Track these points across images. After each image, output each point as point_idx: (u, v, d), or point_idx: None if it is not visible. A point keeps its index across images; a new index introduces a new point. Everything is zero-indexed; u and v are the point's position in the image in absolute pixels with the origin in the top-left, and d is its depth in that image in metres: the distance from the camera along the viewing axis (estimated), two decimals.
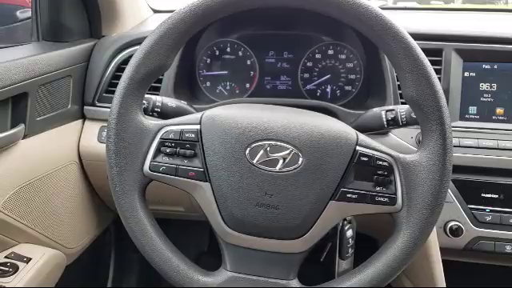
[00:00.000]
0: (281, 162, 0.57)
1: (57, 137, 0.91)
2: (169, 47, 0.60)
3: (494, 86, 0.85)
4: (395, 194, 0.58)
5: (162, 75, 0.86)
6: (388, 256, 0.58)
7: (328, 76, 0.96)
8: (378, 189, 0.58)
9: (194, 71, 1.00)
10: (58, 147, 0.92)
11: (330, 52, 0.96)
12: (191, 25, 0.59)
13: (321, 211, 0.58)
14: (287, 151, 0.58)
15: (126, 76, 0.60)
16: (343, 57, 0.96)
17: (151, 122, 0.62)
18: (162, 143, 0.61)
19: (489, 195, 0.84)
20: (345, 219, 0.80)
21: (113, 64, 0.95)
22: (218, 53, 0.99)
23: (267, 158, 0.58)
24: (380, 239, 1.12)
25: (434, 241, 0.84)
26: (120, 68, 0.94)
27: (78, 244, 1.03)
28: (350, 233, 0.83)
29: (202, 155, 0.60)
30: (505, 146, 0.83)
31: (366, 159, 0.58)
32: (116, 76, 0.94)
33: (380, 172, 0.58)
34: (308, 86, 0.98)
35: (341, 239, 0.82)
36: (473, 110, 0.86)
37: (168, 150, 0.61)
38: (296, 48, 0.97)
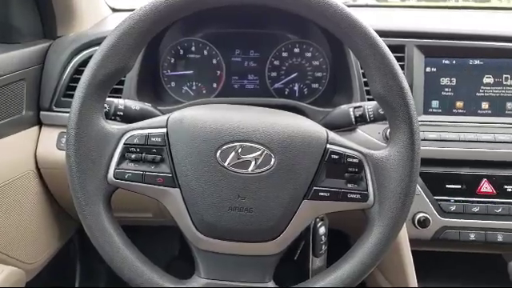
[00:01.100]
0: (253, 163, 0.56)
1: (11, 145, 0.85)
2: (130, 47, 0.57)
3: (454, 80, 0.88)
4: (367, 190, 0.58)
5: (124, 77, 0.83)
6: (362, 253, 0.58)
7: (295, 74, 0.96)
8: (350, 186, 0.58)
9: (157, 71, 0.97)
10: (13, 156, 0.86)
11: (297, 50, 0.96)
12: (153, 24, 0.57)
13: (294, 211, 0.58)
14: (259, 152, 0.56)
15: (85, 79, 0.57)
16: (309, 55, 0.96)
17: (114, 127, 0.59)
18: (126, 149, 0.58)
19: (452, 186, 0.87)
20: (317, 217, 0.80)
21: (70, 66, 0.90)
22: (182, 52, 0.97)
23: (239, 160, 0.56)
24: (351, 234, 1.14)
25: (403, 233, 0.86)
26: (78, 70, 0.90)
27: (39, 258, 0.97)
28: (322, 230, 0.83)
29: (170, 160, 0.57)
30: (465, 138, 0.86)
31: (336, 157, 0.58)
32: (74, 79, 0.90)
33: (351, 169, 0.58)
34: (276, 85, 0.97)
35: (314, 237, 0.83)
36: (435, 104, 0.89)
37: (133, 156, 0.58)
38: (262, 47, 0.96)
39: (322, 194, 0.58)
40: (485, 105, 0.88)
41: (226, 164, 0.56)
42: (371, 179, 0.58)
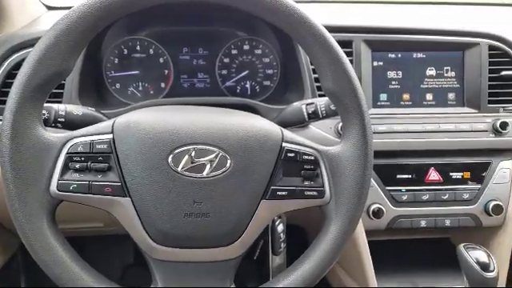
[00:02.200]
0: (208, 166, 0.54)
1: None
2: (69, 48, 0.53)
3: (400, 73, 0.91)
4: (323, 186, 0.58)
5: (64, 80, 0.77)
6: (321, 251, 0.58)
7: (246, 72, 0.95)
8: (307, 183, 0.58)
9: (100, 73, 0.92)
10: None
11: (246, 47, 0.95)
12: (93, 23, 0.53)
13: (253, 212, 0.56)
14: (214, 154, 0.54)
15: (18, 84, 0.52)
16: (259, 52, 0.95)
17: (54, 135, 0.55)
18: (69, 158, 0.54)
19: (403, 176, 0.90)
20: None
21: (1, 70, 0.82)
22: (126, 52, 0.92)
23: (193, 164, 0.54)
24: (308, 229, 1.15)
25: (359, 225, 0.88)
26: (11, 74, 0.82)
27: None
28: (280, 227, 0.83)
29: (118, 168, 0.54)
30: (412, 129, 0.89)
31: (292, 155, 0.57)
32: (7, 84, 0.82)
33: (307, 166, 0.58)
34: (227, 83, 0.95)
35: (272, 235, 0.82)
36: (383, 97, 0.91)
37: (77, 166, 0.54)
38: (211, 44, 0.94)
39: (279, 193, 0.57)
40: (429, 96, 0.91)
41: (179, 169, 0.54)
42: (327, 175, 0.59)
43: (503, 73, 0.90)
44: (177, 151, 0.54)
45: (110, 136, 0.55)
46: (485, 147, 0.90)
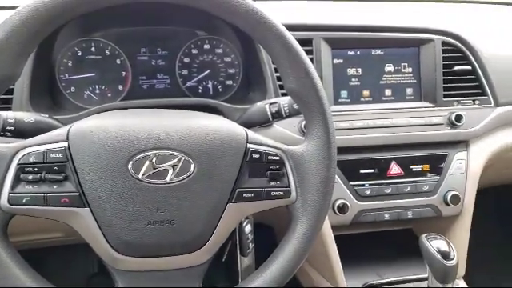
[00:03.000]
0: (170, 171, 0.53)
1: None
2: (16, 52, 0.50)
3: (360, 70, 0.93)
4: (289, 186, 0.58)
5: (13, 85, 0.73)
6: (289, 249, 0.58)
7: (207, 71, 0.93)
8: (273, 183, 0.58)
9: (53, 76, 0.87)
10: None
11: (207, 46, 0.93)
12: (40, 26, 0.50)
13: (219, 216, 0.55)
14: (176, 159, 0.53)
15: None
16: (220, 51, 0.94)
17: (3, 145, 0.51)
18: (21, 169, 0.51)
19: (366, 171, 0.91)
20: None
21: None
22: (80, 53, 0.88)
23: (155, 170, 0.52)
24: (276, 227, 1.15)
25: (325, 221, 0.89)
26: None
27: None
28: (248, 228, 0.82)
29: (76, 177, 0.51)
30: (373, 125, 0.91)
31: (257, 156, 0.57)
32: None
33: (272, 167, 0.58)
34: (188, 83, 0.93)
35: (240, 236, 0.82)
36: (344, 94, 0.92)
37: (30, 177, 0.51)
38: (170, 44, 0.92)
39: (246, 195, 0.56)
40: (388, 92, 0.94)
41: (140, 176, 0.52)
42: (292, 175, 0.59)
43: (456, 68, 0.93)
44: (137, 157, 0.52)
45: (65, 144, 0.52)
46: (441, 140, 0.93)
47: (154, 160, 0.52)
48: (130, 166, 0.52)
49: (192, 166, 0.53)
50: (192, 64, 0.93)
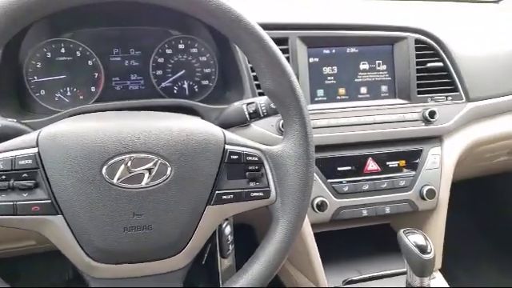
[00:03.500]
0: (146, 175, 0.51)
1: None
2: None
3: (335, 68, 0.93)
4: (268, 186, 0.58)
5: None
6: (270, 250, 0.58)
7: (183, 71, 0.92)
8: (252, 184, 0.57)
9: (21, 78, 0.84)
10: None
11: (181, 46, 0.91)
12: (5, 26, 0.48)
13: (198, 220, 0.54)
14: (152, 163, 0.51)
15: None
16: (195, 50, 0.92)
17: None
18: None
19: (343, 168, 0.92)
20: None
21: None
22: (50, 55, 0.85)
23: (130, 174, 0.51)
24: (256, 226, 1.15)
25: (305, 220, 0.89)
26: None
27: None
28: (228, 229, 0.81)
29: (47, 184, 0.49)
30: (350, 122, 0.91)
31: (236, 157, 0.56)
32: None
33: (251, 167, 0.57)
34: (163, 84, 0.91)
35: (220, 238, 0.81)
36: (320, 92, 0.92)
37: None
38: (143, 44, 0.90)
39: (225, 197, 0.55)
40: (363, 89, 0.94)
41: (114, 181, 0.50)
42: (271, 175, 0.58)
43: (429, 65, 0.95)
44: (111, 162, 0.50)
45: (35, 150, 0.50)
46: (416, 136, 0.95)
47: (129, 164, 0.51)
48: (104, 171, 0.50)
49: (169, 169, 0.52)
50: (166, 64, 0.91)
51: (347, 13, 1.01)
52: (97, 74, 0.88)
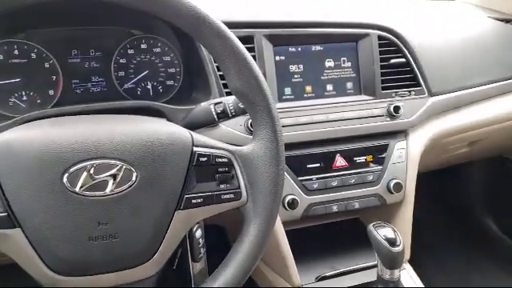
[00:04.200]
0: (111, 182, 0.49)
1: None
2: None
3: (301, 66, 0.93)
4: (239, 188, 0.57)
5: None
6: (243, 252, 0.57)
7: (146, 72, 0.89)
8: (222, 186, 0.56)
9: None
10: None
11: (144, 46, 0.89)
12: None
13: (167, 226, 0.53)
14: (116, 168, 0.49)
15: None
16: (158, 50, 0.90)
17: None
18: None
19: (313, 165, 0.92)
20: None
21: None
22: (2, 57, 0.80)
23: (93, 182, 0.48)
24: (227, 226, 1.14)
25: (277, 219, 0.89)
26: None
27: None
28: (199, 233, 0.80)
29: (2, 196, 0.46)
30: (317, 120, 0.92)
31: (205, 159, 0.55)
32: None
33: (221, 169, 0.56)
34: (126, 85, 0.88)
35: (191, 242, 0.79)
36: (288, 91, 0.92)
37: None
38: (104, 45, 0.86)
39: (194, 201, 0.54)
40: (329, 87, 0.95)
41: (77, 189, 0.48)
42: (242, 176, 0.58)
43: (392, 61, 0.97)
44: (72, 169, 0.48)
45: None
46: (382, 131, 0.96)
47: (91, 171, 0.48)
48: (65, 180, 0.48)
49: (134, 174, 0.50)
50: (129, 65, 0.88)
51: (312, 11, 1.01)
52: (55, 77, 0.84)
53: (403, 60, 0.98)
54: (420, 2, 1.31)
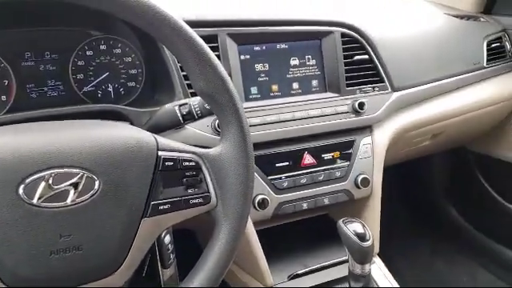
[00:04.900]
0: (72, 192, 0.47)
1: None
2: None
3: (267, 65, 0.92)
4: (208, 191, 0.56)
5: None
6: (215, 256, 0.56)
7: (106, 74, 0.85)
8: (191, 191, 0.55)
9: None
10: None
11: (103, 47, 0.85)
12: None
13: (134, 234, 0.51)
14: (77, 177, 0.47)
15: None
16: (118, 51, 0.86)
17: None
18: None
19: (281, 164, 0.92)
20: None
21: None
22: None
23: (52, 192, 0.46)
24: (196, 229, 1.12)
25: (248, 220, 0.88)
26: None
27: None
28: (168, 239, 0.78)
29: None
30: (284, 118, 0.92)
31: (171, 163, 0.53)
32: None
33: (189, 173, 0.55)
34: (85, 88, 0.84)
35: (160, 249, 0.77)
36: (254, 90, 0.91)
37: None
38: (60, 47, 0.82)
39: (162, 207, 0.52)
40: (295, 85, 0.95)
41: (34, 201, 0.45)
42: (210, 179, 0.57)
43: (356, 58, 0.98)
44: (29, 180, 0.45)
45: None
46: (348, 127, 0.97)
47: (50, 181, 0.46)
48: (21, 191, 0.45)
49: (96, 182, 0.48)
50: (88, 67, 0.84)
51: (276, 8, 1.00)
52: (7, 82, 0.79)
53: (366, 57, 0.99)
54: (381, 0, 1.34)
